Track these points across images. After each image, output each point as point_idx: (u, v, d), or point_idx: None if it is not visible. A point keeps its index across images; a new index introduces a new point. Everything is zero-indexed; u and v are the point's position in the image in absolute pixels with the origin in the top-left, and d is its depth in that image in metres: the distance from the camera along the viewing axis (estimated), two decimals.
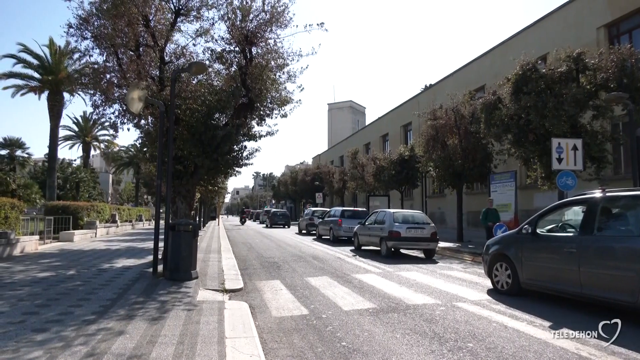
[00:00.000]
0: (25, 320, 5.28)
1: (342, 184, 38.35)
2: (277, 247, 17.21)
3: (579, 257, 6.25)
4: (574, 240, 6.46)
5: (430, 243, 13.96)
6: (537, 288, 7.12)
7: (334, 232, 19.91)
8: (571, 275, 6.35)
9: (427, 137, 18.80)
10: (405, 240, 13.85)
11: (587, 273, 6.12)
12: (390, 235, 13.86)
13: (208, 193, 23.73)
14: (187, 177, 11.31)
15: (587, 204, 6.60)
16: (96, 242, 17.19)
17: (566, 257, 6.45)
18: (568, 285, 6.44)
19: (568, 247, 6.44)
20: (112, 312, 5.74)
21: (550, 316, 6.15)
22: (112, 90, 11.11)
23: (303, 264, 11.76)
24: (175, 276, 8.19)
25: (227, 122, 11.15)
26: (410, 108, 32.53)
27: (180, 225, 8.34)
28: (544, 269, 6.95)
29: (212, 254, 13.27)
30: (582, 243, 6.28)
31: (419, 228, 13.98)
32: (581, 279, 6.20)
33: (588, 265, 6.13)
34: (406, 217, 14.59)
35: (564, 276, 6.49)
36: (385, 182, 26.00)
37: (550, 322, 5.85)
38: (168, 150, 8.98)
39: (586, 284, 6.14)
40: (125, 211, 30.61)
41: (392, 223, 14.09)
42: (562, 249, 6.56)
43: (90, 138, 43.20)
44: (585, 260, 6.16)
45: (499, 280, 7.89)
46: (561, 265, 6.56)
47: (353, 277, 9.50)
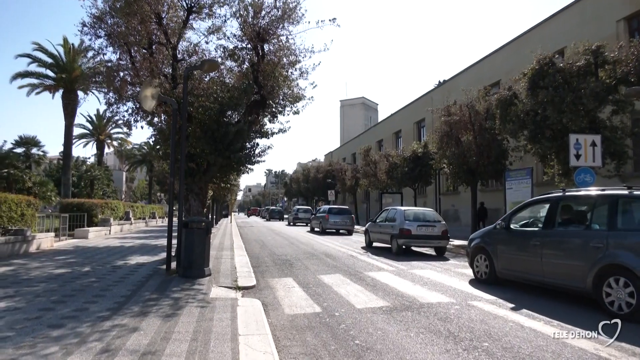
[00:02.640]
0: (41, 316, 5.38)
1: (354, 182, 38.26)
2: (289, 244, 17.27)
3: (541, 249, 7.25)
4: (537, 234, 7.46)
5: (441, 241, 14.17)
6: (510, 277, 8.14)
7: (323, 225, 25.52)
8: (535, 265, 7.34)
9: (441, 133, 18.65)
10: (416, 238, 14.07)
11: (548, 263, 7.10)
12: (401, 233, 14.08)
13: (220, 190, 23.87)
14: (199, 174, 11.38)
15: (550, 202, 7.58)
16: (110, 239, 17.44)
17: (531, 249, 7.44)
18: (533, 274, 7.43)
19: (533, 241, 7.45)
20: (126, 309, 5.80)
21: (565, 317, 6.05)
22: (126, 88, 11.22)
23: (315, 262, 11.78)
24: (188, 273, 8.26)
25: (239, 119, 11.18)
26: (423, 104, 32.30)
27: (193, 222, 8.40)
28: (514, 260, 7.96)
29: (225, 251, 13.35)
30: (544, 237, 7.28)
31: (429, 226, 14.20)
32: (543, 268, 7.18)
33: (548, 256, 7.12)
34: (417, 214, 14.83)
35: (530, 266, 7.47)
36: (398, 179, 25.87)
37: (567, 322, 5.75)
38: (181, 148, 9.05)
39: (547, 273, 7.13)
40: (138, 208, 30.97)
41: (403, 221, 14.29)
42: (528, 242, 7.57)
43: (104, 136, 43.77)
44: (546, 252, 7.15)
45: (479, 271, 8.90)
46: (527, 257, 7.56)
47: (366, 275, 9.49)
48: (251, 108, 11.36)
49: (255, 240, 19.43)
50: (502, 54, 24.67)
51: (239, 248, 14.75)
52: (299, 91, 11.80)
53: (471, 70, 27.82)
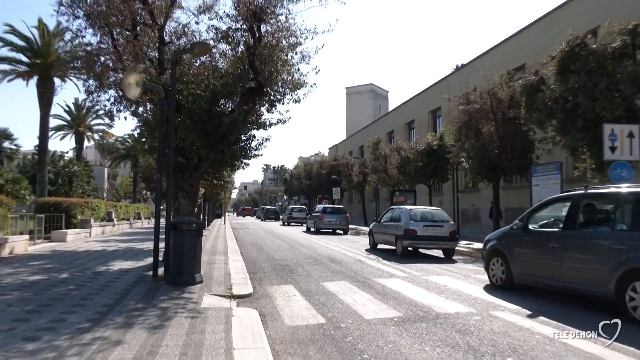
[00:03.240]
0: (14, 328, 5.40)
1: (362, 178, 38.23)
2: (289, 247, 17.30)
3: (561, 251, 7.39)
4: (557, 235, 7.62)
5: (449, 242, 14.54)
6: (528, 282, 8.29)
7: (317, 225, 27.93)
8: (555, 269, 7.48)
9: (459, 124, 18.59)
10: (422, 239, 14.46)
11: (568, 267, 7.24)
12: (406, 233, 14.43)
13: (213, 188, 23.92)
14: (189, 170, 11.40)
15: (571, 200, 7.67)
16: (91, 243, 17.51)
17: (551, 251, 7.58)
18: (553, 279, 7.58)
19: (552, 243, 7.59)
20: (108, 320, 5.82)
21: (599, 329, 6.02)
22: (107, 74, 11.23)
23: (319, 267, 11.80)
24: (177, 280, 8.28)
25: (234, 108, 11.18)
26: (439, 91, 32.20)
27: (182, 223, 8.41)
28: (533, 264, 8.09)
29: (218, 256, 13.39)
30: (564, 238, 7.43)
31: (436, 226, 14.61)
32: (563, 272, 7.32)
33: (568, 259, 7.25)
34: (424, 214, 15.23)
35: (550, 270, 7.60)
36: (411, 175, 25.81)
37: (603, 335, 5.72)
38: (168, 141, 9.05)
39: (567, 278, 7.26)
40: (122, 208, 31.09)
41: (408, 221, 14.63)
42: (547, 244, 7.71)
43: (83, 128, 43.91)
44: (566, 255, 7.29)
45: (494, 275, 9.04)
46: (547, 260, 7.70)
47: (375, 282, 9.49)
48: (247, 96, 11.35)
49: (251, 243, 19.46)
50: (528, 34, 24.53)
51: (233, 252, 14.78)
52: (299, 77, 11.78)
53: (493, 53, 27.69)
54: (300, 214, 39.30)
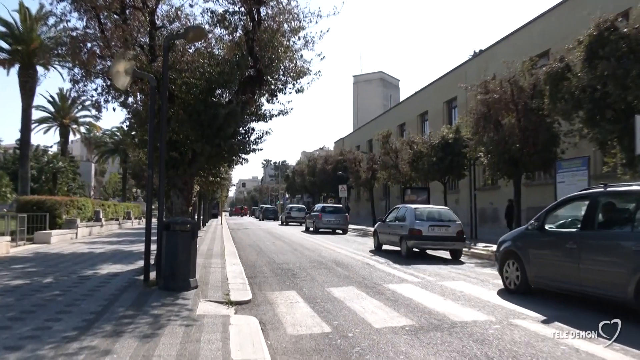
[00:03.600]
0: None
1: (370, 174, 38.18)
2: (292, 250, 17.35)
3: (578, 253, 7.53)
4: (574, 236, 7.79)
5: (455, 243, 15.09)
6: (544, 286, 8.51)
7: (316, 224, 29.79)
8: (572, 272, 7.63)
9: (477, 115, 18.54)
10: (428, 239, 15.02)
11: (586, 270, 7.37)
12: (411, 233, 15.02)
13: (209, 185, 23.91)
14: (183, 166, 11.41)
15: (589, 199, 7.86)
16: (77, 244, 17.60)
17: (568, 253, 7.73)
18: (570, 283, 7.74)
19: (569, 244, 7.73)
20: (96, 328, 5.86)
21: (630, 339, 6.00)
22: (94, 62, 11.24)
23: (324, 272, 11.83)
24: (170, 285, 8.31)
25: (231, 99, 11.18)
26: (455, 80, 32.09)
27: (176, 224, 8.44)
28: (549, 266, 8.27)
29: (215, 259, 13.44)
30: (582, 239, 7.58)
31: (443, 226, 15.18)
32: (581, 275, 7.47)
33: (586, 261, 7.40)
34: (430, 213, 15.83)
35: (567, 273, 7.76)
36: (424, 171, 25.76)
37: (634, 346, 5.71)
38: (160, 134, 9.07)
39: (585, 281, 7.41)
40: (110, 207, 31.23)
41: (413, 220, 15.18)
42: (564, 245, 7.84)
43: (68, 120, 44.08)
44: (584, 257, 7.44)
45: (508, 278, 9.23)
46: (563, 262, 7.85)
47: (385, 288, 9.51)
48: (245, 85, 11.34)
49: (250, 246, 19.52)
50: (553, 16, 24.38)
51: (231, 255, 14.84)
52: (303, 64, 11.75)
53: (514, 38, 27.55)
54: (299, 213, 41.61)
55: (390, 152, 31.21)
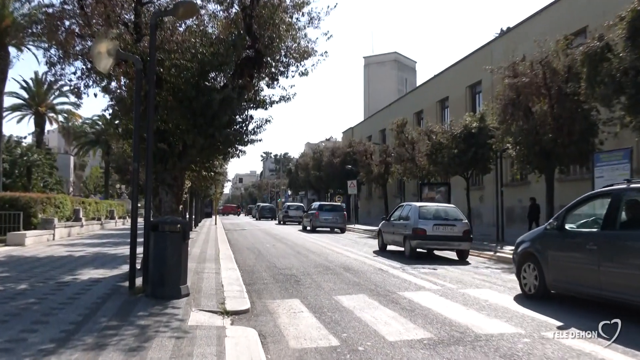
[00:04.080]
0: None
1: (383, 168, 38.12)
2: (295, 254, 17.39)
3: (598, 255, 7.78)
4: (594, 236, 8.10)
5: (461, 243, 16.10)
6: (563, 290, 8.84)
7: (313, 223, 32.45)
8: (592, 275, 7.89)
9: (504, 101, 18.45)
10: (432, 239, 15.98)
11: (606, 272, 7.61)
12: (415, 233, 15.90)
13: (201, 181, 23.94)
14: (173, 159, 11.44)
15: (611, 196, 8.08)
16: (54, 247, 17.70)
17: (587, 255, 8.01)
18: (590, 287, 8.01)
19: (589, 245, 7.98)
20: (76, 340, 5.88)
21: None
22: (73, 42, 11.27)
23: (331, 278, 11.85)
24: (159, 292, 8.34)
25: (227, 83, 11.19)
26: (479, 61, 31.94)
27: (164, 224, 8.46)
28: (568, 269, 8.57)
29: (208, 263, 13.49)
30: (603, 240, 7.84)
31: (448, 225, 16.13)
32: (601, 279, 7.71)
33: (607, 264, 7.63)
34: (435, 212, 16.81)
35: (586, 277, 8.05)
36: (444, 165, 25.67)
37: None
38: (147, 123, 9.08)
39: (605, 285, 7.64)
40: (92, 205, 31.39)
41: (417, 219, 16.08)
42: (584, 247, 8.12)
43: (44, 108, 44.26)
44: (604, 259, 7.69)
45: (526, 283, 9.52)
46: (583, 265, 8.16)
47: (400, 296, 9.51)
48: (243, 68, 11.34)
49: (248, 248, 19.56)
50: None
51: (226, 259, 14.88)
52: (307, 44, 11.74)
53: (546, 14, 27.37)
54: (297, 212, 44.55)
55: (406, 143, 31.13)
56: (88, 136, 55.37)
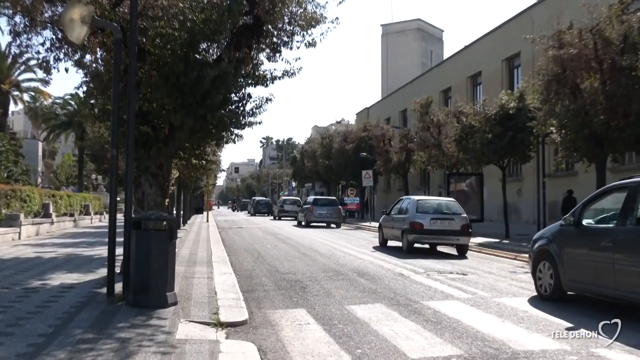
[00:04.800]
0: None
1: (404, 156, 38.07)
2: (301, 256, 17.45)
3: (613, 252, 8.46)
4: (609, 232, 8.79)
5: (460, 237, 18.34)
6: (579, 291, 9.63)
7: (307, 218, 37.30)
8: (606, 274, 8.57)
9: (548, 76, 18.35)
10: (429, 233, 18.30)
11: (622, 271, 8.27)
12: (412, 227, 18.25)
13: (191, 171, 24.02)
14: (158, 144, 11.43)
15: (627, 190, 8.78)
16: (21, 247, 17.79)
17: (602, 252, 8.73)
18: (605, 286, 8.71)
19: (605, 242, 8.68)
20: (46, 355, 5.89)
21: None
22: (41, 7, 11.23)
23: (342, 284, 11.86)
24: (142, 301, 8.36)
25: (221, 55, 11.15)
26: (517, 30, 31.74)
27: (148, 221, 8.46)
28: (583, 268, 9.30)
29: (199, 267, 13.53)
30: (617, 236, 8.54)
31: (446, 219, 18.44)
32: (616, 278, 8.37)
33: (622, 262, 8.31)
34: (433, 206, 19.46)
35: (601, 275, 8.75)
36: (476, 152, 25.56)
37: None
38: (128, 103, 9.07)
39: (621, 284, 8.29)
40: (63, 199, 31.47)
41: (415, 213, 18.48)
42: (599, 244, 8.84)
43: (8, 85, 44.42)
44: (619, 257, 8.37)
45: (542, 284, 10.26)
46: (597, 263, 8.88)
47: (424, 306, 9.51)
48: (239, 38, 11.30)
49: (245, 250, 19.60)
50: None
51: (220, 261, 14.94)
52: (315, 10, 11.67)
53: None
54: (293, 206, 50.34)
55: (431, 126, 31.06)
56: (59, 118, 55.55)
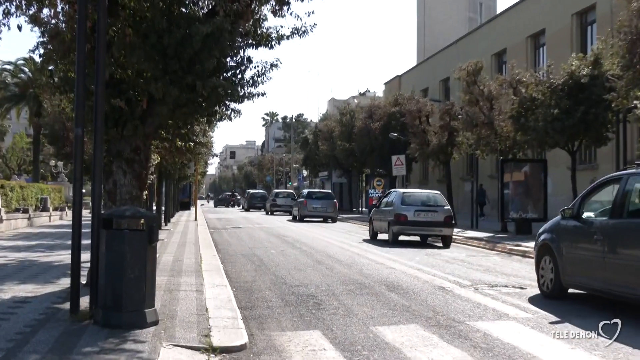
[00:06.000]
0: None
1: (446, 137, 37.71)
2: (313, 263, 17.49)
3: (603, 246, 10.33)
4: (600, 226, 10.65)
5: (443, 228, 24.14)
6: (576, 287, 11.50)
7: (301, 212, 45.35)
8: (598, 268, 10.47)
9: (632, 35, 18.20)
10: (413, 224, 24.10)
11: (612, 265, 10.11)
12: (397, 219, 23.93)
13: (176, 156, 23.92)
14: (134, 122, 11.41)
15: (620, 182, 10.59)
16: None
17: (594, 246, 10.62)
18: (597, 280, 10.59)
19: (597, 235, 10.54)
20: None
21: None
22: None
23: (368, 299, 11.86)
24: (114, 319, 8.36)
25: (214, 8, 11.12)
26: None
27: (122, 218, 8.49)
28: (579, 262, 11.18)
29: (186, 277, 13.57)
30: (607, 229, 10.40)
31: (430, 211, 24.25)
32: (606, 272, 10.23)
33: (612, 256, 10.14)
34: (417, 198, 25.70)
35: (593, 269, 10.65)
36: (538, 131, 25.37)
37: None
38: (96, 69, 9.08)
39: (611, 279, 10.17)
40: (15, 191, 31.65)
41: (400, 205, 24.13)
42: (592, 237, 10.73)
43: None
44: (609, 250, 10.20)
45: (544, 281, 12.13)
46: (590, 257, 10.79)
47: (471, 327, 9.47)
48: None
49: (243, 255, 19.65)
50: None
51: (212, 270, 14.99)
52: None
53: None
54: (287, 200, 59.57)
55: (481, 99, 30.81)
56: (9, 89, 55.71)
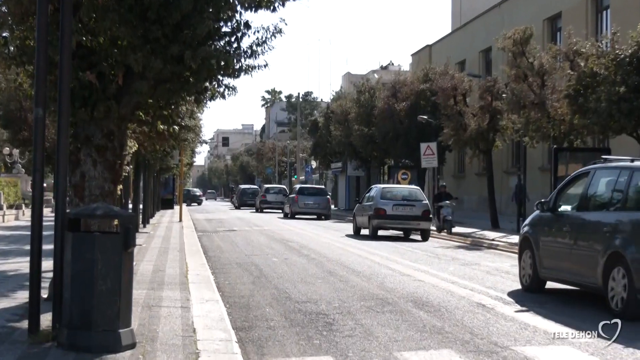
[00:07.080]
0: None
1: (487, 120, 37.51)
2: (323, 274, 17.58)
3: (569, 237, 13.14)
4: (568, 218, 13.59)
5: (420, 222, 30.29)
6: (551, 279, 14.10)
7: (292, 209, 54.12)
8: (566, 259, 13.19)
9: None
10: (392, 218, 30.50)
11: (576, 256, 12.80)
12: (376, 213, 30.06)
13: (156, 142, 23.90)
14: (106, 101, 11.46)
15: (587, 175, 13.38)
16: None
17: (564, 237, 13.43)
18: (564, 271, 13.41)
19: (565, 227, 13.37)
20: None
21: None
22: None
23: (391, 319, 11.89)
24: (82, 340, 8.38)
25: None
26: None
27: (91, 218, 8.55)
28: (554, 255, 13.72)
29: (169, 291, 13.64)
30: (574, 221, 13.29)
31: (408, 205, 30.57)
32: (571, 263, 12.99)
33: (575, 246, 12.84)
34: (396, 192, 32.25)
35: (563, 261, 13.34)
36: (599, 114, 25.30)
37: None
38: (61, 36, 9.11)
39: (573, 269, 12.96)
40: None
41: (379, 200, 30.37)
42: (562, 229, 13.52)
43: None
44: (573, 242, 12.94)
45: (524, 274, 14.85)
46: (560, 248, 13.50)
47: (518, 354, 9.47)
48: None
49: (238, 264, 19.68)
50: None
51: (201, 282, 15.06)
52: None
53: None
54: (278, 196, 67.75)
55: (530, 74, 30.75)
56: None
